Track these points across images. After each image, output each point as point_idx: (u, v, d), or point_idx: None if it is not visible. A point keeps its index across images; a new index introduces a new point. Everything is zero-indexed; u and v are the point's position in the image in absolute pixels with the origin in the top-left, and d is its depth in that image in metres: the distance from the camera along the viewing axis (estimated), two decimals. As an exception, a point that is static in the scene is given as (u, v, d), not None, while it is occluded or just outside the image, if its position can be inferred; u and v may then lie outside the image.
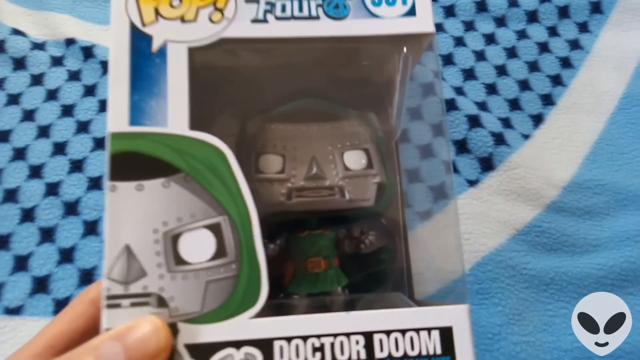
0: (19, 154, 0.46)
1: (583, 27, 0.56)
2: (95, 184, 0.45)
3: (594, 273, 0.42)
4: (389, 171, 0.26)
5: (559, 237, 0.44)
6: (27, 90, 0.50)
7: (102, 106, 0.49)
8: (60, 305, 0.40)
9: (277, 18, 0.23)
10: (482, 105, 0.51)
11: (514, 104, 0.51)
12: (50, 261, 0.41)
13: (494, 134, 0.48)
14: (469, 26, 0.56)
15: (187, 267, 0.20)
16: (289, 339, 0.19)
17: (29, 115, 0.49)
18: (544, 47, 0.55)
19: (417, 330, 0.20)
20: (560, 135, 0.50)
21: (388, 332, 0.20)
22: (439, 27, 0.56)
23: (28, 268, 0.41)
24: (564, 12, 0.56)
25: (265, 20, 0.23)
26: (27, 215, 0.43)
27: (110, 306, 0.20)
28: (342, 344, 0.19)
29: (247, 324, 0.20)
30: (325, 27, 0.23)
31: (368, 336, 0.20)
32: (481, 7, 0.57)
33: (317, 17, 0.23)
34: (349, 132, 0.25)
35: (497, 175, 0.46)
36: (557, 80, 0.53)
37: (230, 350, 0.19)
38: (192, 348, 0.19)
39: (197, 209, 0.20)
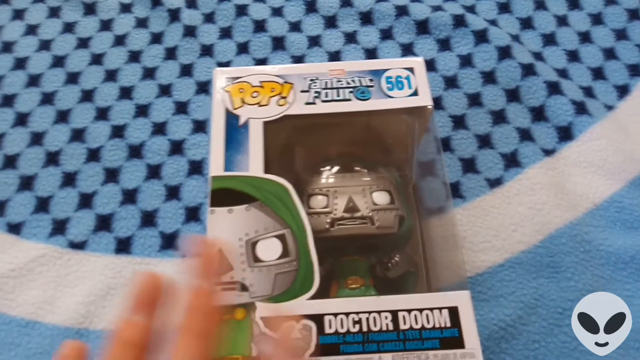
0: (87, 95, 0.47)
1: (680, -5, 0.51)
2: (159, 129, 0.45)
3: (678, 256, 0.39)
4: (407, 208, 0.33)
5: (642, 215, 0.40)
6: (97, 35, 0.50)
7: (169, 54, 0.49)
8: (122, 243, 0.40)
9: (323, 101, 0.33)
10: (563, 73, 0.47)
11: (598, 73, 0.48)
12: (114, 201, 0.42)
13: (574, 102, 0.45)
14: (552, -11, 0.52)
15: (262, 264, 0.28)
16: (335, 314, 0.26)
17: (97, 59, 0.49)
18: (633, 14, 0.51)
19: (431, 309, 0.26)
20: (648, 108, 0.46)
21: (409, 311, 0.26)
22: (519, -11, 0.52)
23: (92, 206, 0.42)
24: (659, -23, 0.51)
25: (314, 103, 0.33)
26: (93, 155, 0.44)
27: None
28: (374, 318, 0.26)
29: (305, 304, 0.26)
30: (356, 106, 0.33)
31: (394, 313, 0.26)
32: (566, -31, 0.53)
33: (349, 100, 0.33)
34: (376, 179, 0.33)
35: (576, 146, 0.43)
36: (646, 50, 0.49)
37: (292, 322, 0.26)
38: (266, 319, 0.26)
39: (269, 225, 0.29)
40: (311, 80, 0.33)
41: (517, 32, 0.50)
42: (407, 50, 0.49)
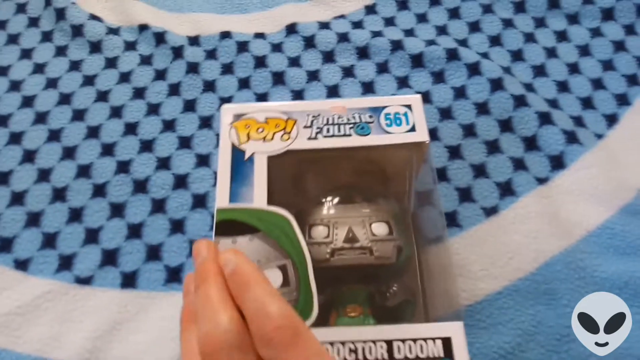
0: (93, 132, 0.48)
1: (663, 26, 0.54)
2: (163, 164, 0.46)
3: (671, 280, 0.40)
4: (405, 239, 0.34)
5: (634, 241, 0.42)
6: (102, 72, 0.52)
7: (172, 90, 0.51)
8: (127, 278, 0.41)
9: (324, 136, 0.34)
10: (553, 103, 0.49)
11: (587, 103, 0.49)
12: (120, 235, 0.43)
13: (565, 131, 0.46)
14: (540, 22, 0.55)
15: None
16: (332, 343, 0.27)
17: (102, 96, 0.51)
18: (619, 46, 0.53)
19: (425, 339, 0.27)
20: (636, 136, 0.47)
21: (404, 340, 0.27)
22: (509, 23, 0.54)
23: (98, 241, 0.43)
24: (642, 10, 0.54)
25: (316, 138, 0.34)
26: (99, 191, 0.45)
27: None
28: (370, 347, 0.27)
29: None
30: (356, 141, 0.34)
31: (389, 342, 0.27)
32: (553, 4, 0.55)
33: (350, 135, 0.34)
34: (375, 210, 0.34)
35: (568, 175, 0.45)
36: (633, 80, 0.50)
37: None
38: None
39: (271, 255, 0.30)
40: (313, 117, 0.35)
41: (508, 64, 0.52)
42: (403, 83, 0.51)
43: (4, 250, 0.42)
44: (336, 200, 0.35)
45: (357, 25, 0.55)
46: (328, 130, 0.34)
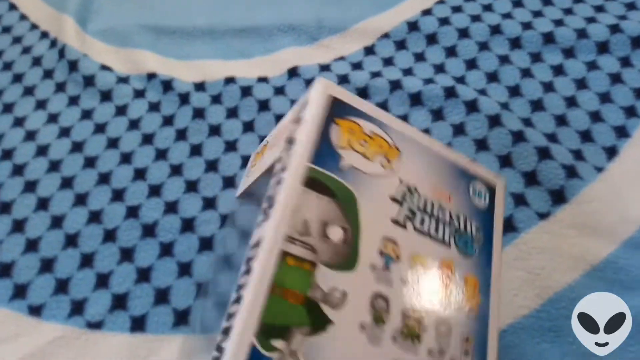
0: (104, 178, 0.50)
1: (658, 58, 0.54)
2: (171, 208, 0.48)
3: (679, 315, 0.39)
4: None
5: (639, 274, 0.41)
6: (112, 120, 0.54)
7: (179, 135, 0.52)
8: (137, 322, 0.42)
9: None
10: (552, 137, 0.50)
11: (586, 136, 0.50)
12: (129, 280, 0.44)
13: (565, 166, 0.47)
14: (536, 58, 0.56)
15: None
16: None
17: (113, 143, 0.53)
18: (616, 78, 0.54)
19: None
20: (637, 168, 0.48)
21: None
22: (505, 59, 0.56)
23: (109, 285, 0.44)
24: (637, 42, 0.55)
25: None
26: (109, 236, 0.46)
27: None
28: None
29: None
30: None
31: None
32: (548, 39, 0.56)
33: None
34: None
35: (570, 209, 0.45)
36: (631, 112, 0.51)
37: None
38: None
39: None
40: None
41: (506, 99, 0.53)
42: (403, 121, 0.52)
43: (19, 296, 0.44)
44: None
45: (357, 66, 0.57)
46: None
